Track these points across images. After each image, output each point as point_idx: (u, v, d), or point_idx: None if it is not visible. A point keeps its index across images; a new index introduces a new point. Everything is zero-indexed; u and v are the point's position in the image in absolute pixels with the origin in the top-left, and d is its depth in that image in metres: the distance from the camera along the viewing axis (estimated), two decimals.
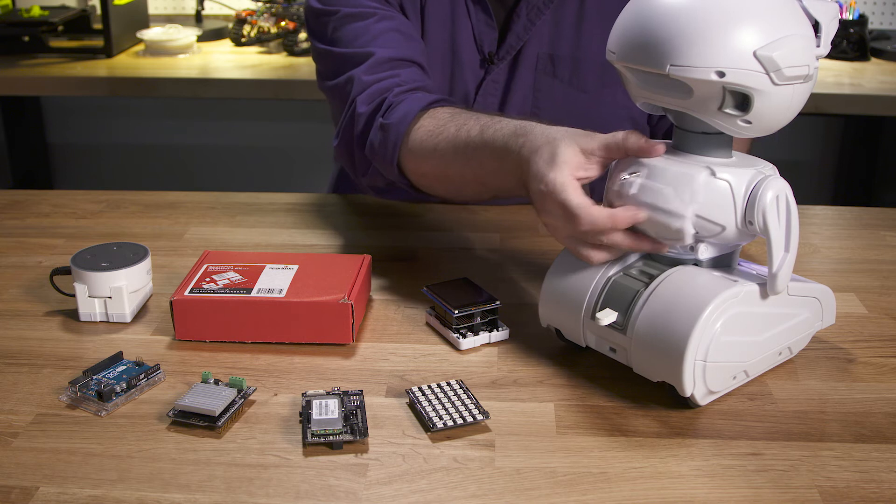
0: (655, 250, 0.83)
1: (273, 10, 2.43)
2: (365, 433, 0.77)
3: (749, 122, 0.77)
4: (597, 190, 0.87)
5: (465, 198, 1.10)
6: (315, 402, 0.79)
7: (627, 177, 0.82)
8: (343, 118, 1.13)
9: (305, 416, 0.78)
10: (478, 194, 1.06)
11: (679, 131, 0.83)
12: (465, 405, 0.81)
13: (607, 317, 0.82)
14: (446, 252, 1.12)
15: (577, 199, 0.82)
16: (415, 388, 0.83)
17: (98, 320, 0.97)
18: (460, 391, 0.83)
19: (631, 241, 0.83)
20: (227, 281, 0.95)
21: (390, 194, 1.20)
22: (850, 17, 2.33)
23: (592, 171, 0.85)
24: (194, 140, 2.92)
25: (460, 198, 1.12)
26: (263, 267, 0.98)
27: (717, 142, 0.82)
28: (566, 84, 1.24)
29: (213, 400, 0.80)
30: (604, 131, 1.25)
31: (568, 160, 0.83)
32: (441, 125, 1.03)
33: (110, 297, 0.96)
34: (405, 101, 1.07)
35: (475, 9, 1.22)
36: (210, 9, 2.68)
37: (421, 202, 1.20)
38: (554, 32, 1.23)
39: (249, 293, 0.92)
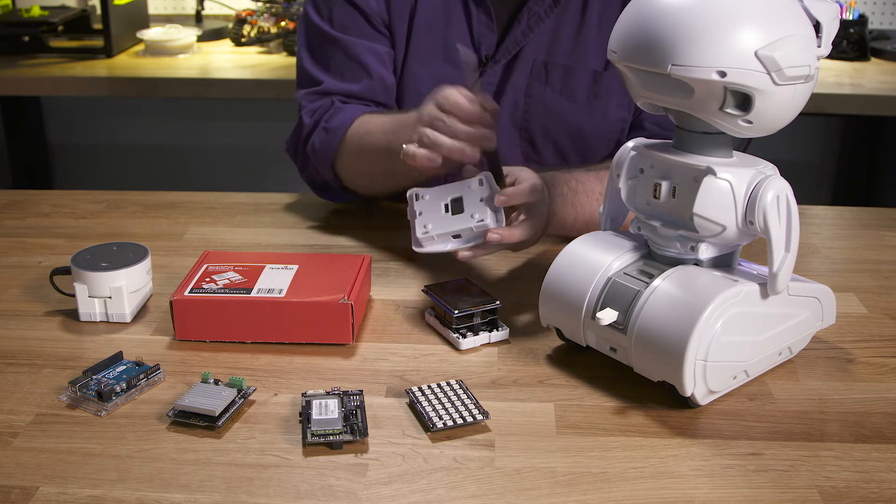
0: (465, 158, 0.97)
1: (273, 10, 2.43)
2: (365, 433, 0.77)
3: (750, 122, 0.77)
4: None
5: (380, 191, 1.24)
6: (315, 402, 0.79)
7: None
8: (295, 124, 1.29)
9: (305, 416, 0.78)
10: (390, 187, 1.19)
11: (680, 131, 0.83)
12: (465, 405, 0.81)
13: (608, 316, 0.82)
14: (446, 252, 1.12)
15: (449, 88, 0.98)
16: (415, 388, 0.83)
17: (98, 320, 0.97)
18: (460, 391, 0.83)
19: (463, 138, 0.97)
20: (226, 281, 0.95)
21: (327, 193, 1.30)
22: (850, 17, 2.33)
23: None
24: (194, 140, 2.91)
25: (376, 192, 1.25)
26: (263, 267, 0.98)
27: (718, 142, 0.82)
28: (557, 92, 1.25)
29: (213, 400, 0.80)
30: (592, 143, 1.29)
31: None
32: (367, 123, 1.18)
33: (110, 297, 0.96)
34: (344, 110, 1.22)
35: (477, 11, 1.22)
36: (210, 9, 2.68)
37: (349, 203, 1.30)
38: (553, 40, 1.23)
39: (249, 293, 0.92)
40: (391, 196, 1.24)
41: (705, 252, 0.83)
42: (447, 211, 1.00)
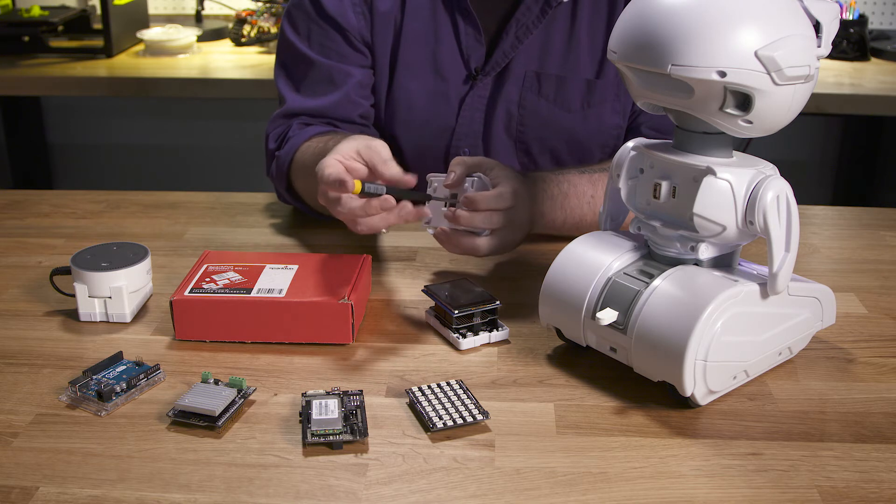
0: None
1: (273, 10, 2.43)
2: (365, 433, 0.77)
3: (750, 122, 0.77)
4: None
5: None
6: (315, 402, 0.79)
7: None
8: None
9: (305, 416, 0.78)
10: None
11: (680, 131, 0.83)
12: (465, 405, 0.81)
13: (608, 316, 0.82)
14: (446, 252, 1.12)
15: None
16: (415, 388, 0.83)
17: (98, 320, 0.97)
18: (460, 391, 0.83)
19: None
20: (226, 281, 0.95)
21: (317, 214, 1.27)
22: (850, 17, 2.33)
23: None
24: (195, 140, 2.92)
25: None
26: (263, 267, 0.98)
27: (718, 142, 0.82)
28: (551, 103, 1.24)
29: (213, 400, 0.80)
30: (588, 151, 1.28)
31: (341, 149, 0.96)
32: (307, 149, 1.16)
33: (110, 297, 0.96)
34: (296, 136, 1.21)
35: (464, 25, 1.22)
36: (210, 9, 2.68)
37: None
38: (543, 51, 1.23)
39: (249, 293, 0.92)
40: None
41: (705, 252, 0.83)
42: (446, 206, 1.01)
